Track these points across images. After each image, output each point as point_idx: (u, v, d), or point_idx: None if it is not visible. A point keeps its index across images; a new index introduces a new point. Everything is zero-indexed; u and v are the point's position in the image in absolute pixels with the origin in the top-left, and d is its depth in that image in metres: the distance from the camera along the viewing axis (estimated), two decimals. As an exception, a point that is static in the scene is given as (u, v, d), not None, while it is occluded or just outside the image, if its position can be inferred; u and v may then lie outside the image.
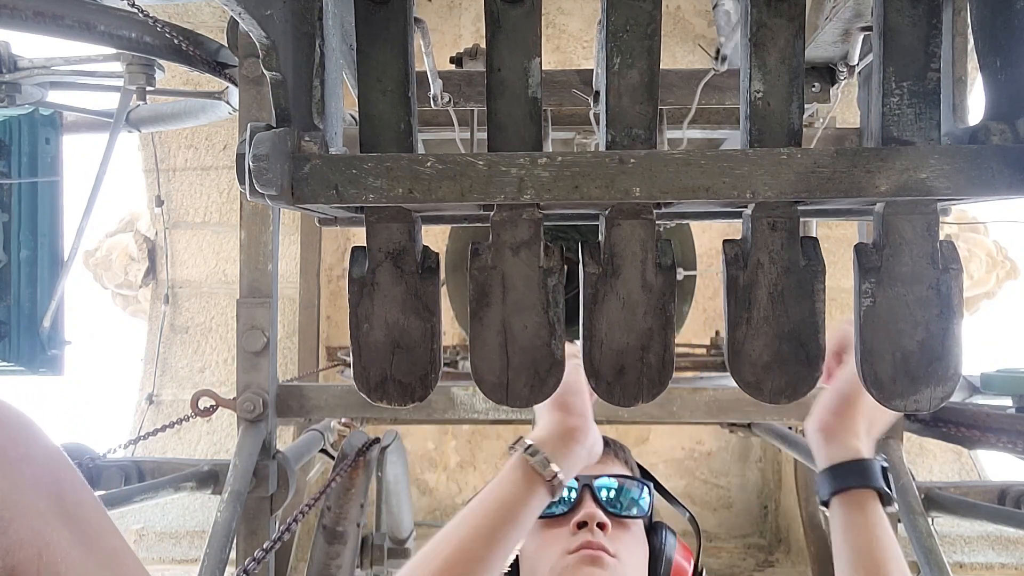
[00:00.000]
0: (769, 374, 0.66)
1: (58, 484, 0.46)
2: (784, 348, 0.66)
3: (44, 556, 0.43)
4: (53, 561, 0.43)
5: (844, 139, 2.01)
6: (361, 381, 0.69)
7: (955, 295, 0.64)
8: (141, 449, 2.57)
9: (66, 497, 0.46)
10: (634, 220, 0.67)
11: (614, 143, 0.68)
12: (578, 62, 3.74)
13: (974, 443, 1.69)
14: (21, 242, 2.54)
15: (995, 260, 3.78)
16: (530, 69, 0.69)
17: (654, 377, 0.68)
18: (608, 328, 0.67)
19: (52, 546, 0.43)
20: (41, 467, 0.45)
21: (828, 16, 1.09)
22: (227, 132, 3.57)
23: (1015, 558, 3.22)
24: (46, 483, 0.45)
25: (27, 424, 0.46)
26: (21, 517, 0.42)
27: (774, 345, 0.66)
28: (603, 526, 0.99)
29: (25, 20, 1.58)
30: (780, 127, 0.67)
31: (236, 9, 0.59)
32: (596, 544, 0.97)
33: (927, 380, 0.65)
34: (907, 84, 0.65)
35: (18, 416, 0.45)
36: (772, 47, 0.66)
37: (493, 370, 0.68)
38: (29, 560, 0.42)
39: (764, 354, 0.66)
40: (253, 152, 0.62)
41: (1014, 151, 0.61)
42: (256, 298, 1.76)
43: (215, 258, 3.72)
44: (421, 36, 1.17)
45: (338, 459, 1.84)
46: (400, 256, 0.69)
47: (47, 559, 0.43)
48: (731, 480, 4.31)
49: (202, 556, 1.51)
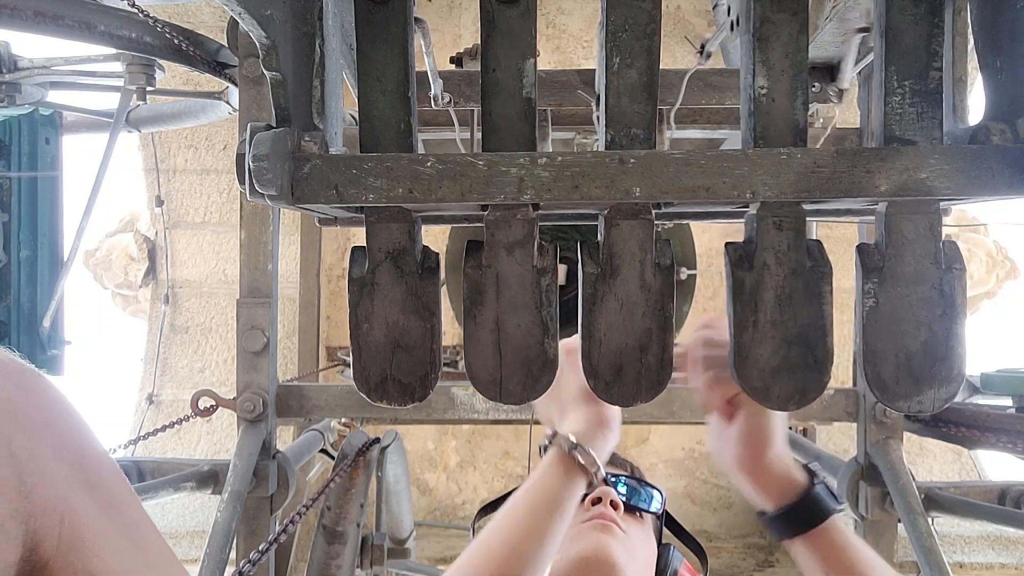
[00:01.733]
0: (777, 380, 0.65)
1: (81, 452, 0.46)
2: (792, 353, 0.65)
3: (67, 521, 0.43)
4: (76, 526, 0.43)
5: (844, 139, 2.01)
6: (361, 381, 0.69)
7: (958, 295, 0.64)
8: (141, 449, 2.57)
9: (89, 465, 0.46)
10: (633, 220, 0.67)
11: (613, 143, 0.68)
12: (578, 62, 3.74)
13: (974, 443, 1.69)
14: (21, 242, 2.54)
15: (995, 260, 3.78)
16: (524, 70, 0.69)
17: (652, 378, 0.68)
18: (607, 328, 0.67)
19: (75, 511, 0.43)
20: (64, 434, 0.45)
21: (828, 16, 1.09)
22: (227, 132, 3.57)
23: (1015, 558, 3.22)
24: (69, 450, 0.45)
25: (51, 391, 0.46)
26: (44, 483, 0.42)
27: (782, 350, 0.65)
28: (616, 505, 1.03)
29: (25, 20, 1.58)
30: (784, 124, 0.66)
31: (236, 9, 0.59)
32: (608, 516, 1.01)
33: (931, 381, 0.64)
34: (909, 83, 0.65)
35: (43, 383, 0.45)
36: (776, 42, 0.66)
37: (487, 368, 0.68)
38: (51, 525, 0.42)
39: (772, 359, 0.65)
40: (253, 152, 0.62)
41: (1014, 151, 0.61)
42: (256, 298, 1.76)
43: (215, 258, 3.72)
44: (422, 36, 1.18)
45: (338, 459, 1.84)
46: (400, 256, 0.68)
47: (69, 523, 0.43)
48: (731, 480, 4.30)
49: (202, 556, 1.51)
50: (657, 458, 4.24)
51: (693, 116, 1.98)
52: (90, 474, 0.46)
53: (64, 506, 0.43)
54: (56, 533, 0.42)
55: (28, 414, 0.43)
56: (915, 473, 1.70)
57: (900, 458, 1.69)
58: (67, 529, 0.43)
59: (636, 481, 1.12)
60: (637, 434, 4.21)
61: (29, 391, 0.44)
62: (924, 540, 1.54)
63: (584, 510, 1.03)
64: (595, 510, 1.03)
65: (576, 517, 1.01)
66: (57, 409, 0.46)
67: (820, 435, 3.26)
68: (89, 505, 0.45)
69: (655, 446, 4.27)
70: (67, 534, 0.42)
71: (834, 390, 1.81)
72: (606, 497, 1.03)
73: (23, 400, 0.43)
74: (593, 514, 1.02)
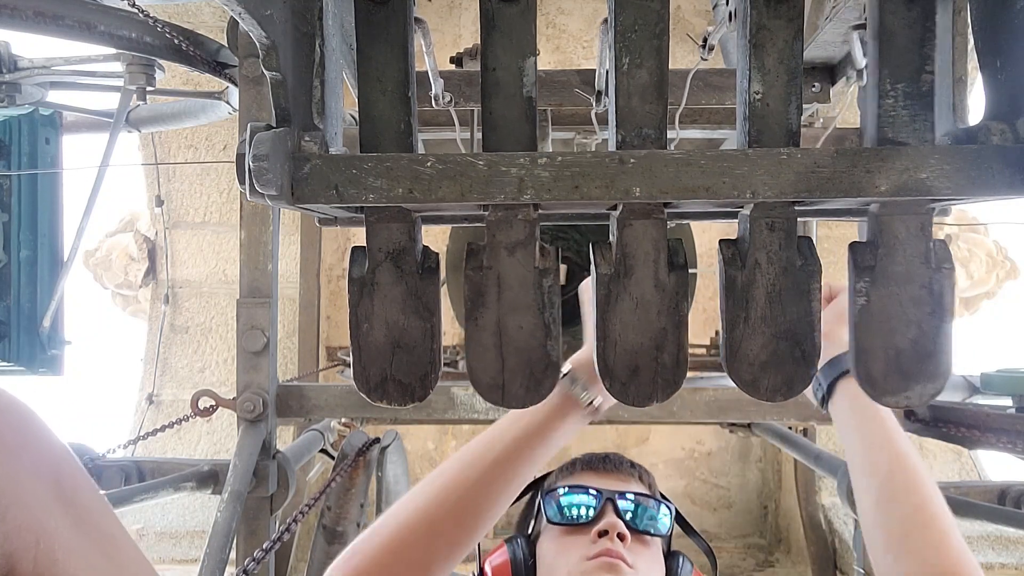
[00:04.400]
0: (766, 372, 0.67)
1: (56, 472, 0.46)
2: (781, 347, 0.66)
3: (42, 543, 0.43)
4: (50, 548, 0.43)
5: (844, 139, 2.01)
6: (361, 381, 0.69)
7: (947, 294, 0.65)
8: (141, 449, 2.57)
9: (64, 484, 0.46)
10: (646, 220, 0.67)
11: (624, 143, 0.68)
12: (578, 62, 3.74)
13: (974, 443, 1.69)
14: (21, 242, 2.54)
15: (995, 260, 3.78)
16: (524, 68, 0.69)
17: (668, 377, 0.68)
18: (622, 328, 0.67)
19: (50, 533, 0.43)
20: (39, 455, 0.45)
21: (828, 16, 1.10)
22: (227, 132, 3.57)
23: (1015, 558, 3.22)
24: (44, 471, 0.45)
25: (26, 413, 0.46)
26: (19, 504, 0.42)
27: (771, 344, 0.66)
28: (623, 537, 1.00)
29: (25, 20, 1.58)
30: (779, 128, 0.67)
31: (236, 9, 0.59)
32: (615, 552, 0.98)
33: (918, 377, 0.65)
34: (901, 86, 0.65)
35: (17, 405, 0.46)
36: (771, 48, 0.66)
37: (488, 371, 0.68)
38: (26, 547, 0.42)
39: (761, 353, 0.66)
40: (253, 152, 0.62)
41: (1014, 151, 0.61)
42: (256, 298, 1.76)
43: (215, 258, 3.72)
44: (422, 36, 1.17)
45: (338, 459, 1.84)
46: (400, 256, 0.68)
47: (44, 546, 0.43)
48: (731, 480, 4.31)
49: (202, 556, 1.52)
50: (657, 458, 4.24)
51: (693, 116, 1.99)
52: (65, 492, 0.46)
53: (39, 528, 0.43)
54: (32, 556, 0.42)
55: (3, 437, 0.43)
56: (915, 473, 1.70)
57: (900, 458, 1.69)
58: (42, 552, 0.42)
59: (648, 498, 1.09)
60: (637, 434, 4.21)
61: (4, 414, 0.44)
62: (924, 540, 1.53)
63: (592, 541, 1.00)
64: (601, 544, 0.99)
65: (581, 551, 0.99)
66: (31, 430, 0.46)
67: (820, 435, 3.26)
68: (65, 525, 0.45)
69: (655, 446, 4.27)
70: (42, 557, 0.42)
71: (834, 390, 1.81)
72: (612, 530, 1.00)
73: None
74: (600, 550, 0.98)
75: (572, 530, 1.04)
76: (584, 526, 1.03)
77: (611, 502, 1.05)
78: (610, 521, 1.02)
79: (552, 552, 1.04)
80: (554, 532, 1.06)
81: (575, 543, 1.02)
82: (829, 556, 3.46)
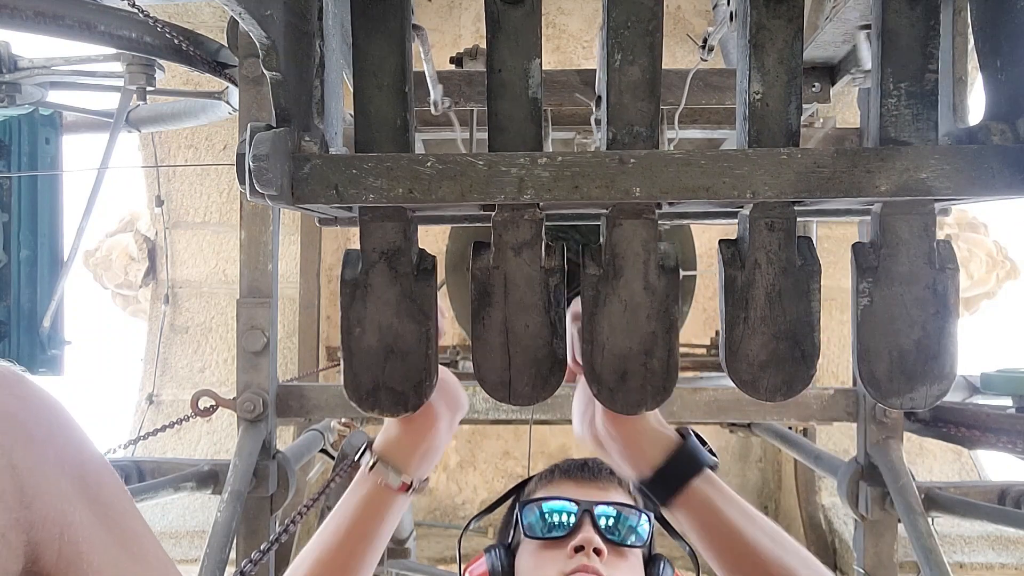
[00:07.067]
0: (765, 372, 0.66)
1: (81, 465, 0.46)
2: (780, 347, 0.66)
3: (65, 534, 0.43)
4: (74, 540, 0.43)
5: (844, 139, 2.01)
6: (351, 389, 0.68)
7: (951, 294, 0.64)
8: (141, 449, 2.57)
9: (89, 478, 0.46)
10: (635, 220, 0.67)
11: (615, 141, 0.68)
12: (578, 62, 3.74)
13: (974, 443, 1.69)
14: (21, 242, 2.54)
15: (995, 260, 3.78)
16: (530, 70, 0.69)
17: (658, 383, 0.67)
18: (610, 332, 0.67)
19: (74, 525, 0.44)
20: (65, 448, 0.46)
21: (828, 16, 1.09)
22: (227, 132, 3.57)
23: (1015, 558, 3.22)
24: (70, 463, 0.45)
25: (54, 406, 0.46)
26: (44, 495, 0.42)
27: (771, 344, 0.66)
28: (599, 552, 0.99)
29: (25, 20, 1.58)
30: (779, 128, 0.67)
31: (236, 9, 0.59)
32: (591, 568, 0.96)
33: (923, 378, 0.65)
34: (905, 85, 0.65)
35: (45, 397, 0.46)
36: (771, 49, 0.66)
37: (495, 369, 0.68)
38: (51, 538, 0.42)
39: (761, 353, 0.66)
40: (253, 152, 0.62)
41: (1014, 151, 0.61)
42: (256, 298, 1.76)
43: (215, 258, 3.72)
44: (420, 43, 1.17)
45: (338, 459, 1.84)
46: (395, 257, 0.68)
47: (68, 537, 0.43)
48: (731, 480, 4.30)
49: (202, 556, 1.51)
50: (657, 458, 4.23)
51: (693, 116, 1.98)
52: (90, 487, 0.46)
53: (63, 520, 0.43)
54: (56, 548, 0.42)
55: (28, 426, 0.43)
56: (915, 473, 1.70)
57: (900, 458, 1.69)
58: (66, 544, 0.43)
59: (628, 507, 1.06)
60: (637, 434, 4.19)
61: (29, 403, 0.44)
62: (924, 540, 1.54)
63: (568, 556, 0.99)
64: (577, 560, 0.98)
65: (557, 566, 0.98)
66: (57, 421, 0.46)
67: (820, 435, 3.26)
68: (88, 519, 0.45)
69: (655, 446, 4.26)
70: (66, 549, 0.43)
71: (834, 390, 1.82)
72: (588, 546, 0.99)
73: (24, 412, 0.43)
74: (576, 566, 0.97)
75: (549, 544, 1.02)
76: (561, 540, 1.02)
77: (588, 514, 1.03)
78: (586, 536, 1.00)
79: (529, 567, 1.03)
80: (531, 545, 1.05)
81: (552, 557, 1.00)
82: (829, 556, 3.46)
